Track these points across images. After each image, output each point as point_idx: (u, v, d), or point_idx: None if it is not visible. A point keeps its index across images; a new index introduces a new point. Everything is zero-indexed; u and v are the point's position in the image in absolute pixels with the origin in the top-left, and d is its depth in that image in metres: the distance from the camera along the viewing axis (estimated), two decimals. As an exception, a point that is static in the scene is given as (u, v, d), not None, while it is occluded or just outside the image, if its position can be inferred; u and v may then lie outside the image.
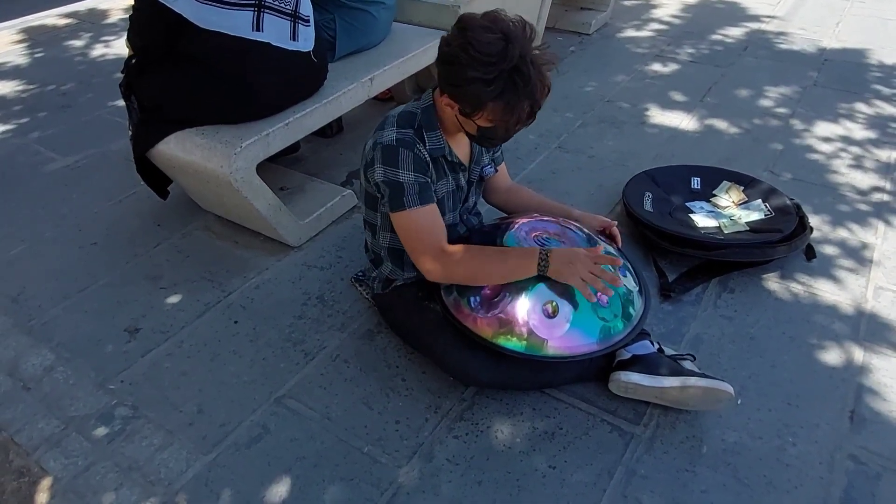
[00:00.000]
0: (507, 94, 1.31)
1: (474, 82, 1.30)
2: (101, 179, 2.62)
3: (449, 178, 1.60)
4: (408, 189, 1.45)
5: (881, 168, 2.54)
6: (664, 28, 4.07)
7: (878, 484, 1.40)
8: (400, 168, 1.45)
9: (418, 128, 1.50)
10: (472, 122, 1.42)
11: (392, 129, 1.48)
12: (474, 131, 1.46)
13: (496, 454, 1.49)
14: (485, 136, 1.46)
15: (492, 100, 1.32)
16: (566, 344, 1.46)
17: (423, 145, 1.49)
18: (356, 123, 2.94)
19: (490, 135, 1.45)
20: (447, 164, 1.58)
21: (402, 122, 1.49)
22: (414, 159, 1.46)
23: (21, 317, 1.94)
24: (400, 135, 1.47)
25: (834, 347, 1.75)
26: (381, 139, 1.47)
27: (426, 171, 1.49)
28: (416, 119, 1.51)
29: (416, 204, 1.45)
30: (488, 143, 1.53)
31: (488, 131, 1.44)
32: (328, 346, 1.79)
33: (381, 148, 1.46)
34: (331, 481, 1.44)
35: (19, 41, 4.18)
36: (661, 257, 2.06)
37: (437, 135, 1.52)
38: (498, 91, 1.31)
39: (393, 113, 1.54)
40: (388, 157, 1.45)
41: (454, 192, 1.65)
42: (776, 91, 3.19)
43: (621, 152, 2.70)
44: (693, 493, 1.40)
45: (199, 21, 1.79)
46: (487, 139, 1.49)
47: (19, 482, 1.48)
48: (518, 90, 1.31)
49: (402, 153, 1.45)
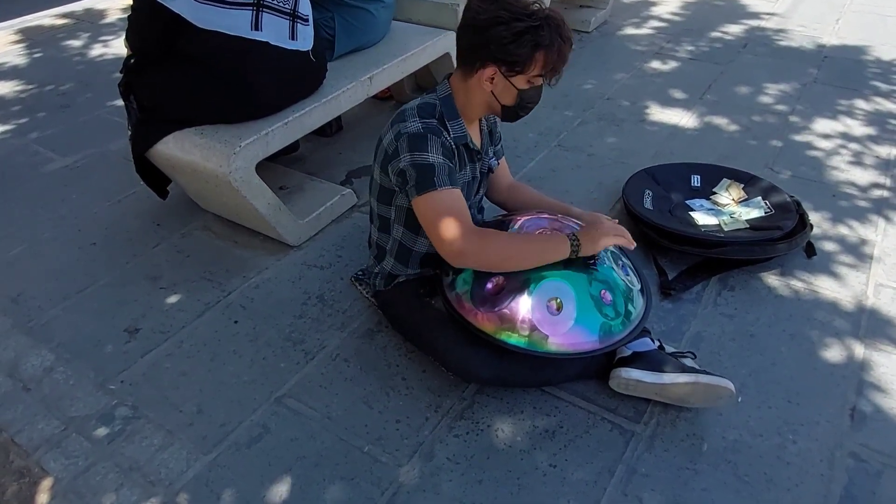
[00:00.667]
0: (552, 37, 1.42)
1: (526, 32, 1.40)
2: (100, 179, 2.62)
3: (468, 168, 1.63)
4: (438, 170, 1.45)
5: (881, 165, 2.54)
6: (664, 25, 4.06)
7: (879, 481, 1.40)
8: (430, 152, 1.45)
9: (440, 117, 1.52)
10: (513, 89, 1.48)
11: (415, 119, 1.49)
12: (513, 101, 1.51)
13: (497, 453, 1.49)
14: (523, 101, 1.53)
15: (545, 46, 1.42)
16: (568, 341, 1.46)
17: (447, 134, 1.51)
18: (355, 122, 2.93)
19: (528, 99, 1.53)
20: (467, 153, 1.61)
21: (424, 113, 1.50)
22: (442, 145, 1.47)
23: (21, 317, 1.94)
24: (425, 124, 1.48)
25: (834, 344, 1.74)
26: (406, 129, 1.47)
27: (453, 158, 1.51)
28: (437, 109, 1.53)
29: (446, 184, 1.45)
30: (525, 111, 1.57)
31: (527, 95, 1.51)
32: (328, 345, 1.79)
33: (406, 137, 1.46)
34: (331, 481, 1.44)
35: (17, 41, 4.18)
36: (662, 255, 2.06)
37: (459, 122, 1.55)
38: (547, 35, 1.41)
39: (410, 105, 1.54)
40: (415, 143, 1.45)
41: (470, 183, 1.66)
42: (776, 88, 3.19)
43: (621, 150, 2.70)
44: (694, 490, 1.40)
45: (197, 21, 1.79)
46: (525, 106, 1.55)
47: (20, 483, 1.48)
48: (560, 32, 1.43)
49: (431, 139, 1.46)
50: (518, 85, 1.48)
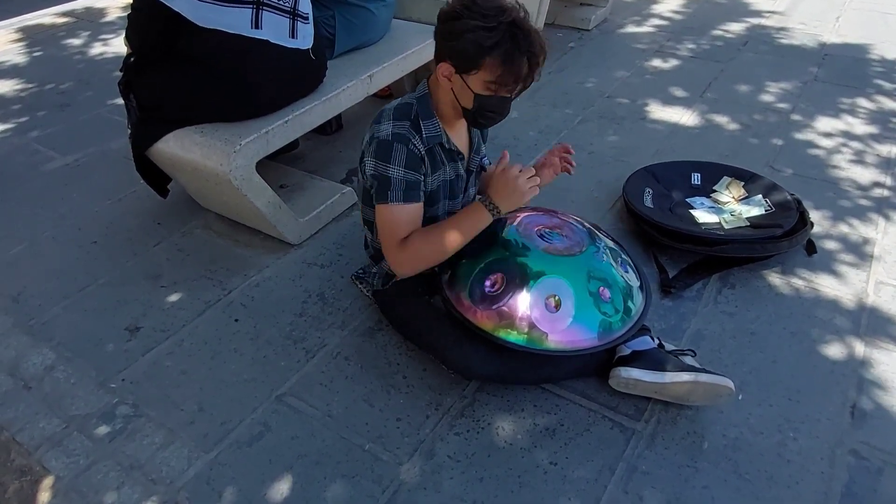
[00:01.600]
0: (505, 45, 1.34)
1: (475, 30, 1.33)
2: (100, 178, 2.62)
3: (447, 168, 1.61)
4: (394, 184, 1.46)
5: (882, 163, 2.54)
6: (664, 23, 4.06)
7: (880, 479, 1.40)
8: (391, 163, 1.45)
9: (415, 118, 1.50)
10: (469, 91, 1.42)
11: (388, 122, 1.48)
12: (471, 104, 1.45)
13: (497, 451, 1.49)
14: (481, 108, 1.45)
15: (490, 49, 1.34)
16: (567, 338, 1.46)
17: (419, 136, 1.49)
18: (356, 121, 2.93)
19: (488, 107, 1.45)
20: (444, 153, 1.59)
21: (399, 115, 1.50)
22: (407, 155, 1.46)
23: (21, 316, 1.94)
24: (396, 128, 1.47)
25: (835, 342, 1.74)
26: (378, 133, 1.48)
27: (419, 167, 1.49)
28: (413, 109, 1.51)
29: (398, 200, 1.47)
30: (487, 120, 1.50)
31: (486, 102, 1.43)
32: (329, 343, 1.79)
33: (376, 142, 1.47)
34: (332, 479, 1.44)
35: (17, 40, 4.17)
36: (662, 253, 2.06)
37: (432, 122, 1.52)
38: (496, 39, 1.33)
39: (389, 106, 1.54)
40: (381, 151, 1.46)
41: (453, 181, 1.65)
42: (776, 86, 3.19)
43: (621, 148, 2.70)
44: (694, 488, 1.40)
45: (197, 19, 1.79)
46: (485, 114, 1.47)
47: (21, 481, 1.48)
48: (517, 42, 1.34)
49: (396, 148, 1.45)
50: (473, 87, 1.41)
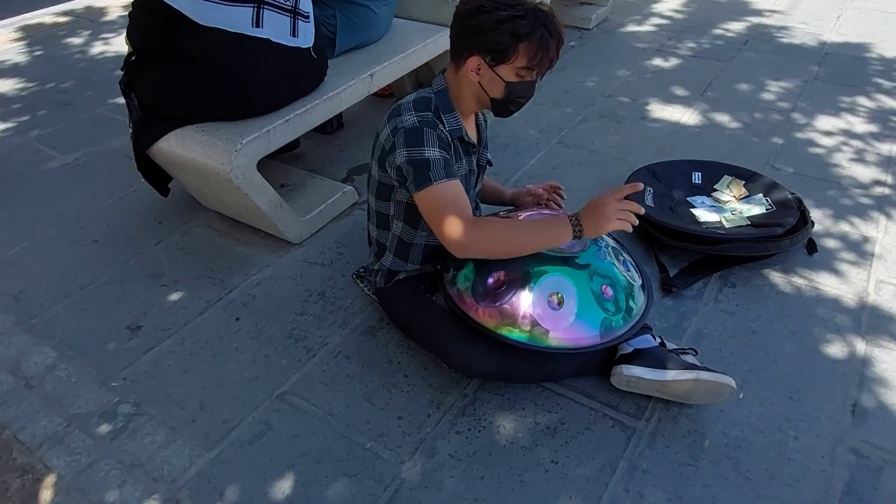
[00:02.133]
0: (538, 29, 1.41)
1: (507, 21, 1.39)
2: (101, 177, 2.62)
3: (463, 162, 1.62)
4: (434, 164, 1.45)
5: (882, 161, 2.54)
6: (665, 22, 4.06)
7: (880, 477, 1.41)
8: (426, 146, 1.45)
9: (435, 110, 1.52)
10: (501, 81, 1.47)
11: (410, 113, 1.49)
12: (501, 94, 1.49)
13: (499, 449, 1.49)
14: (512, 95, 1.50)
15: (527, 35, 1.40)
16: (569, 336, 1.46)
17: (443, 126, 1.51)
18: (356, 120, 2.93)
19: (517, 93, 1.50)
20: (462, 146, 1.61)
21: (420, 107, 1.51)
22: (438, 137, 1.47)
23: (22, 315, 1.94)
24: (420, 117, 1.48)
25: (836, 341, 1.74)
26: (402, 124, 1.48)
27: (449, 149, 1.51)
28: (432, 103, 1.53)
29: (443, 177, 1.45)
30: (516, 105, 1.55)
31: (516, 89, 1.49)
32: (330, 342, 1.80)
33: (403, 132, 1.47)
34: (334, 477, 1.44)
35: (17, 39, 4.17)
36: (663, 252, 2.06)
37: (454, 115, 1.55)
38: (530, 25, 1.40)
39: (405, 100, 1.54)
40: (412, 138, 1.46)
41: (467, 175, 1.66)
42: (777, 85, 3.19)
43: (622, 147, 2.70)
44: (695, 486, 1.40)
45: (198, 17, 1.79)
46: (514, 101, 1.53)
47: (23, 479, 1.48)
48: (547, 24, 1.41)
49: (427, 132, 1.46)
50: (505, 76, 1.46)
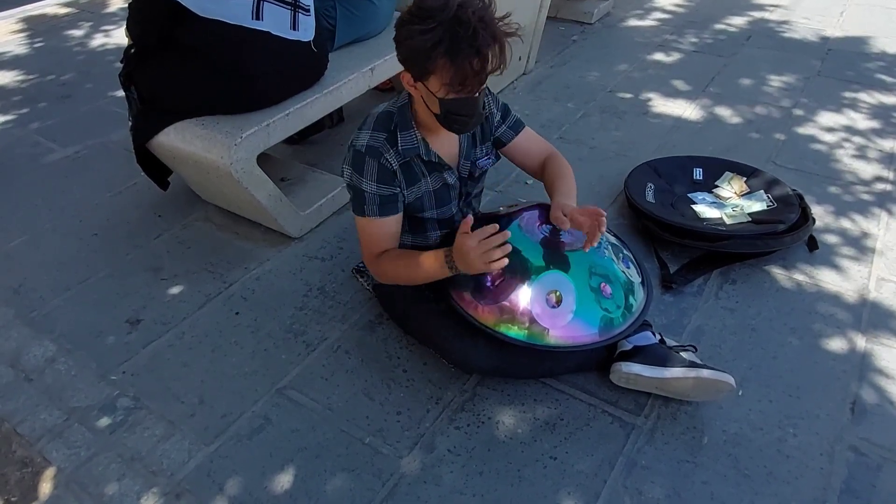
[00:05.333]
0: (446, 43, 1.26)
1: (415, 35, 1.28)
2: (101, 170, 2.61)
3: (427, 179, 1.57)
4: (368, 199, 1.50)
5: (884, 158, 2.53)
6: (667, 17, 4.04)
7: (879, 475, 1.41)
8: (364, 177, 1.48)
9: (394, 129, 1.49)
10: (433, 97, 1.36)
11: (367, 131, 1.49)
12: (438, 109, 1.38)
13: (498, 445, 1.49)
14: (449, 112, 1.39)
15: (432, 50, 1.27)
16: (568, 333, 1.46)
17: (395, 149, 1.48)
18: (357, 114, 2.92)
19: (455, 109, 1.38)
20: (424, 164, 1.55)
21: (379, 125, 1.50)
22: (378, 170, 1.47)
23: (22, 308, 1.94)
24: (372, 140, 1.47)
25: (835, 338, 1.74)
26: (356, 142, 1.50)
27: (392, 181, 1.50)
28: (393, 119, 1.50)
29: (373, 214, 1.51)
30: (459, 124, 1.43)
31: (451, 105, 1.37)
32: (329, 337, 1.79)
33: (352, 151, 1.50)
34: (332, 472, 1.45)
35: (19, 31, 4.16)
36: (663, 248, 2.05)
37: (410, 134, 1.49)
38: (435, 39, 1.26)
39: (375, 111, 1.54)
40: (355, 162, 1.49)
41: (439, 190, 1.61)
42: (779, 81, 3.17)
43: (623, 143, 2.69)
44: (694, 483, 1.40)
45: (198, 9, 1.78)
46: (455, 117, 1.40)
47: (22, 472, 1.49)
48: (459, 38, 1.26)
49: (368, 163, 1.47)
50: (435, 92, 1.34)
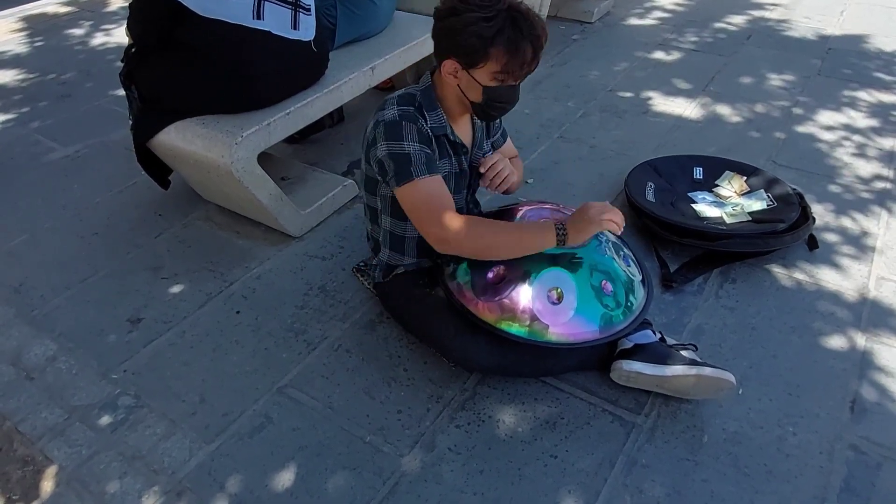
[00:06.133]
0: (507, 31, 1.34)
1: (475, 23, 1.33)
2: (101, 169, 2.61)
3: (451, 159, 1.61)
4: (415, 159, 1.44)
5: (884, 157, 2.53)
6: (667, 16, 4.04)
7: (878, 474, 1.41)
8: (405, 140, 1.45)
9: (419, 107, 1.52)
10: (477, 84, 1.42)
11: (393, 107, 1.49)
12: (479, 98, 1.45)
13: (498, 443, 1.50)
14: (491, 100, 1.45)
15: (494, 38, 1.34)
16: (568, 331, 1.46)
17: (425, 122, 1.51)
18: (357, 113, 2.92)
19: (496, 97, 1.45)
20: (449, 144, 1.59)
21: (403, 102, 1.51)
22: (418, 132, 1.47)
23: (23, 307, 1.94)
24: (402, 111, 1.48)
25: (835, 337, 1.75)
26: (383, 117, 1.48)
27: (430, 144, 1.50)
28: (416, 99, 1.52)
29: (423, 173, 1.44)
30: (497, 111, 1.51)
31: (494, 93, 1.43)
32: (330, 336, 1.80)
33: (383, 125, 1.47)
34: (333, 470, 1.45)
35: (19, 30, 4.16)
36: (663, 247, 2.06)
37: (437, 114, 1.53)
38: (498, 27, 1.33)
39: (392, 95, 1.55)
40: (391, 131, 1.46)
41: (457, 174, 1.65)
42: (779, 80, 3.17)
43: (623, 142, 2.69)
44: (694, 482, 1.40)
45: (198, 9, 1.78)
46: (495, 105, 1.47)
47: (24, 471, 1.49)
48: (519, 26, 1.34)
49: (406, 126, 1.46)
50: (481, 80, 1.41)
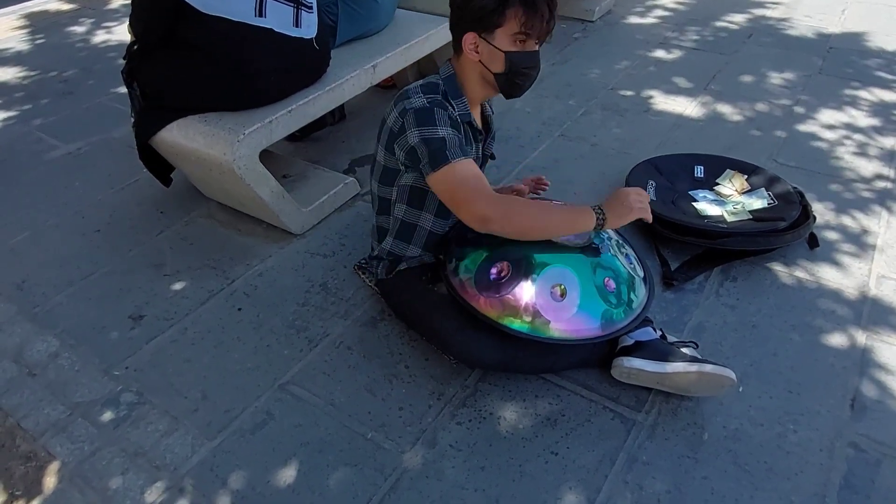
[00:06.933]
0: None
1: None
2: (103, 167, 2.62)
3: (473, 146, 1.63)
4: (449, 143, 1.44)
5: (885, 156, 2.53)
6: (668, 15, 4.04)
7: (878, 471, 1.41)
8: (438, 125, 1.45)
9: (444, 94, 1.53)
10: (499, 52, 1.45)
11: (419, 95, 1.50)
12: (503, 67, 1.48)
13: (499, 440, 1.50)
14: (515, 66, 1.48)
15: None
16: (570, 327, 1.47)
17: (452, 108, 1.52)
18: (359, 111, 2.93)
19: (519, 62, 1.48)
20: (472, 132, 1.61)
21: (428, 90, 1.52)
22: (449, 117, 1.48)
23: (26, 304, 1.95)
24: (430, 98, 1.48)
25: (836, 335, 1.75)
26: (411, 105, 1.48)
27: (459, 130, 1.51)
28: (440, 88, 1.54)
29: (459, 156, 1.44)
30: (523, 78, 1.52)
31: (517, 59, 1.47)
32: (331, 333, 1.80)
33: (413, 112, 1.46)
34: (335, 467, 1.45)
35: (20, 27, 4.16)
36: (664, 245, 2.06)
37: (461, 101, 1.56)
38: None
39: (413, 85, 1.55)
40: (423, 118, 1.46)
41: (477, 160, 1.66)
42: (780, 78, 3.17)
43: (624, 140, 2.69)
44: (694, 479, 1.41)
45: (201, 6, 1.78)
46: (519, 72, 1.50)
47: (26, 467, 1.49)
48: None
49: (438, 112, 1.46)
50: (501, 46, 1.45)
